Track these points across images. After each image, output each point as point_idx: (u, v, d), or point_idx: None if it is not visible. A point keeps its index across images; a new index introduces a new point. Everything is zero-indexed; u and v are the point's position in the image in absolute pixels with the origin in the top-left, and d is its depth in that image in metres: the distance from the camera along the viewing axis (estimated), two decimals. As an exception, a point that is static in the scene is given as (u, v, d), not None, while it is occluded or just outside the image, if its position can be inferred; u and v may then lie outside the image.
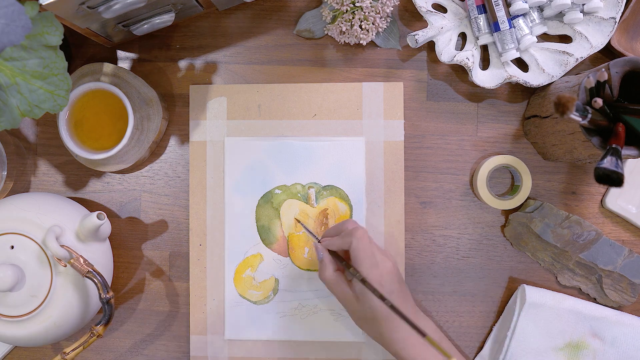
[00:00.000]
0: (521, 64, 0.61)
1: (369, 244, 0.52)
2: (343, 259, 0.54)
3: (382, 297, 0.47)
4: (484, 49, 0.61)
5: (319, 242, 0.56)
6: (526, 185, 0.60)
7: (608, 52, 0.60)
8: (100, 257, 0.56)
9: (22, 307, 0.52)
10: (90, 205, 0.63)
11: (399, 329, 0.52)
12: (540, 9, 0.59)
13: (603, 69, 0.47)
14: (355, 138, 0.62)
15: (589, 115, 0.45)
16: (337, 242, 0.54)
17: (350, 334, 0.61)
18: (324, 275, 0.54)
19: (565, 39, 0.61)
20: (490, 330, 0.62)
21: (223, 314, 0.62)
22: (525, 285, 0.59)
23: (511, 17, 0.58)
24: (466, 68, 0.59)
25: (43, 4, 0.45)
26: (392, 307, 0.46)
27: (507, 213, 0.62)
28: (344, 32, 0.59)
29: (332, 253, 0.55)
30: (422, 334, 0.43)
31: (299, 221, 0.61)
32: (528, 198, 0.61)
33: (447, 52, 0.59)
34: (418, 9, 0.59)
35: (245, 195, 0.62)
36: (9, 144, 0.62)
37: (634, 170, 0.60)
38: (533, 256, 0.61)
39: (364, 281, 0.50)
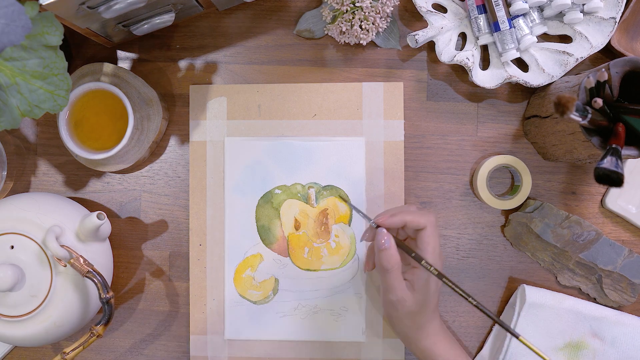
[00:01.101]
0: (521, 64, 0.61)
1: (438, 233, 0.49)
2: (405, 245, 0.51)
3: (467, 295, 0.47)
4: (484, 49, 0.61)
5: (374, 226, 0.52)
6: (526, 185, 0.60)
7: (608, 52, 0.60)
8: (100, 257, 0.56)
9: (22, 307, 0.52)
10: (90, 205, 0.63)
11: (440, 325, 0.53)
12: (540, 9, 0.59)
13: (603, 69, 0.47)
14: (355, 138, 0.62)
15: (589, 115, 0.45)
16: (408, 218, 0.49)
17: (350, 334, 0.61)
18: (394, 260, 0.49)
19: (565, 39, 0.61)
20: (490, 330, 0.62)
21: (223, 314, 0.62)
22: (525, 285, 0.59)
23: (511, 17, 0.58)
24: (466, 68, 0.59)
25: (43, 4, 0.45)
26: (477, 305, 0.46)
27: (507, 213, 0.62)
28: (344, 32, 0.59)
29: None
30: (515, 335, 0.44)
31: (353, 207, 0.57)
32: (528, 198, 0.61)
33: (447, 52, 0.59)
34: (418, 9, 0.59)
35: (245, 195, 0.62)
36: (9, 144, 0.62)
37: (634, 170, 0.60)
38: (533, 256, 0.61)
39: (440, 275, 0.48)
